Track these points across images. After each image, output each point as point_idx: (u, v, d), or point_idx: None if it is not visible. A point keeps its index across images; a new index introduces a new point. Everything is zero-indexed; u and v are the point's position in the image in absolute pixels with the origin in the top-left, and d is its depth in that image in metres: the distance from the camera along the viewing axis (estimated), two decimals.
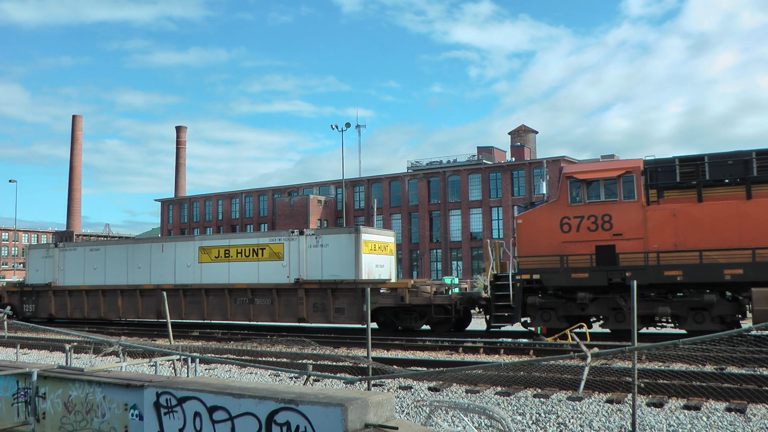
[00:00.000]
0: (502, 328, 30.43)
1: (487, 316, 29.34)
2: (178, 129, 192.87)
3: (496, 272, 29.43)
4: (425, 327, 32.03)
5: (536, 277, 26.93)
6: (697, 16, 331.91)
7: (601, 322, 27.47)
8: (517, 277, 27.53)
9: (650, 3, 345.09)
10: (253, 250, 35.19)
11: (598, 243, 26.04)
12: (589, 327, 27.62)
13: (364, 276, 32.43)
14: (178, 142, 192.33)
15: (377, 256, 34.14)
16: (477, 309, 32.92)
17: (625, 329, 26.01)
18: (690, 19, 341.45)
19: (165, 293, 21.78)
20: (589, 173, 26.57)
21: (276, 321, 34.27)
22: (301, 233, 34.00)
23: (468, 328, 33.31)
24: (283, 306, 33.84)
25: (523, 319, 28.32)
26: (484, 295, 30.37)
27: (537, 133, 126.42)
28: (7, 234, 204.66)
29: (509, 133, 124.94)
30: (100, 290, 39.89)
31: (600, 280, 26.14)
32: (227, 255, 35.91)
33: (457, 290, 32.73)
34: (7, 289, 45.91)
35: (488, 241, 32.86)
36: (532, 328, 28.01)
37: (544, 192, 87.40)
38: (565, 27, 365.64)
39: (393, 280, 34.90)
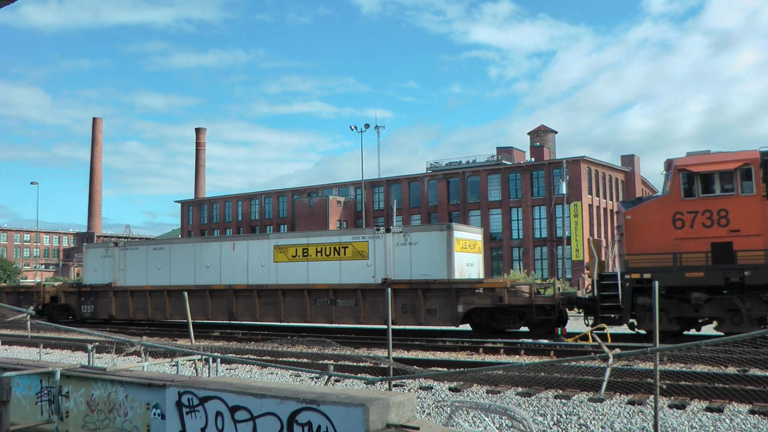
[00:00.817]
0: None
1: (588, 318, 28.04)
2: (198, 130, 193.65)
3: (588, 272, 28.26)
4: (523, 329, 30.56)
5: (646, 276, 25.47)
6: (719, 13, 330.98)
7: (715, 324, 26.06)
8: (626, 277, 26.08)
9: (672, 0, 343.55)
10: (335, 248, 33.85)
11: (713, 240, 24.77)
12: (698, 330, 26.85)
13: (457, 275, 31.22)
14: (197, 144, 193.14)
15: (468, 255, 32.91)
16: (577, 310, 31.27)
17: (738, 332, 24.50)
18: (712, 16, 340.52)
19: (186, 293, 21.80)
20: (704, 166, 25.12)
21: (361, 323, 32.82)
22: (388, 230, 32.70)
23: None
24: (368, 307, 32.30)
25: (629, 321, 26.83)
26: (579, 295, 29.24)
27: (556, 133, 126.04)
28: (29, 235, 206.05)
29: (528, 134, 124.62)
30: (166, 291, 38.62)
31: (716, 279, 24.72)
32: (305, 254, 34.57)
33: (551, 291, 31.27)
34: (64, 289, 44.72)
35: (589, 238, 31.34)
36: (642, 331, 26.86)
37: (564, 192, 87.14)
38: (586, 26, 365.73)
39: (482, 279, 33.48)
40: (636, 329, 26.91)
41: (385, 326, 31.32)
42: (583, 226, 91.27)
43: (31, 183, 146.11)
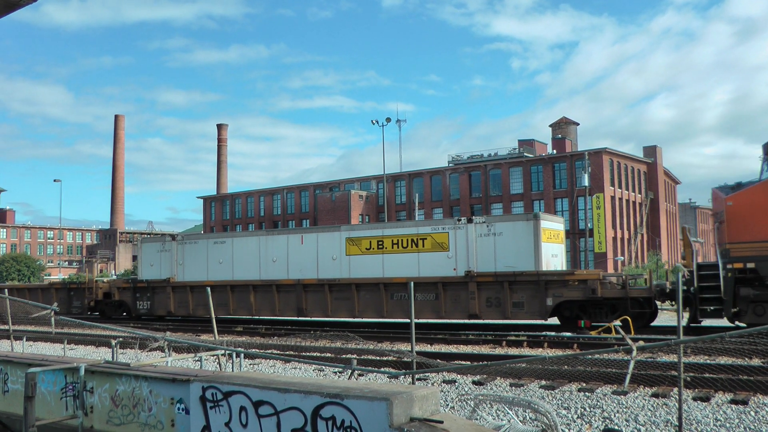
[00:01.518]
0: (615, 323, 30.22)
1: (686, 311, 26.03)
2: (219, 126, 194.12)
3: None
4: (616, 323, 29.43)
5: (750, 265, 24.04)
6: (744, 0, 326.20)
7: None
8: (728, 267, 24.47)
9: None
10: (412, 240, 32.47)
11: None
12: None
13: (543, 267, 30.10)
14: (219, 140, 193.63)
15: (552, 245, 31.76)
16: (670, 303, 29.87)
17: None
18: (737, 3, 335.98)
19: (209, 289, 21.77)
20: None
21: (442, 318, 31.35)
22: (470, 221, 31.27)
23: (512, 321, 31.81)
24: (450, 301, 30.84)
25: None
26: (669, 286, 27.71)
27: (578, 125, 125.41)
28: (52, 232, 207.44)
29: (550, 126, 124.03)
30: (229, 286, 37.16)
31: None
32: (381, 246, 33.21)
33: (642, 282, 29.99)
34: (118, 284, 43.30)
35: (685, 227, 29.53)
36: (743, 324, 25.03)
37: (586, 184, 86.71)
38: (609, 15, 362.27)
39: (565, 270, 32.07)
40: (736, 322, 25.41)
41: (471, 320, 31.13)
42: (606, 219, 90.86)
43: (54, 180, 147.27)
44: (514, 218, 31.83)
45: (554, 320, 29.84)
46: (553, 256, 31.53)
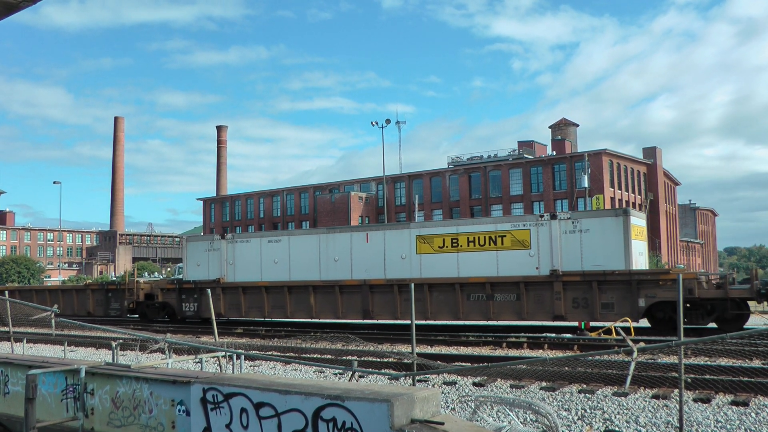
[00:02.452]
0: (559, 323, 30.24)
1: None
2: (219, 128, 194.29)
3: None
4: (712, 325, 27.87)
5: None
6: (745, 0, 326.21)
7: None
8: None
9: None
10: (490, 237, 30.62)
11: None
12: None
13: (633, 266, 28.58)
14: (219, 142, 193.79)
15: (639, 242, 30.08)
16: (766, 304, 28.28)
17: None
18: (738, 4, 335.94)
19: (210, 290, 21.75)
20: None
21: (524, 319, 29.66)
22: (553, 217, 29.65)
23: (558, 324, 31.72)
24: (532, 302, 29.21)
25: None
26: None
27: (578, 126, 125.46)
28: (52, 234, 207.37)
29: (550, 127, 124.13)
30: (286, 287, 35.18)
31: None
32: (455, 244, 31.38)
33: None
34: (162, 286, 40.93)
35: None
36: None
37: (586, 185, 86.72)
38: (610, 16, 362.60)
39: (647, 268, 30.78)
40: None
41: (554, 323, 30.39)
42: None
43: (54, 182, 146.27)
44: (602, 214, 30.30)
45: (552, 323, 29.82)
46: (639, 254, 30.12)
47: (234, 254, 38.12)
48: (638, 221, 30.20)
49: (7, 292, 47.67)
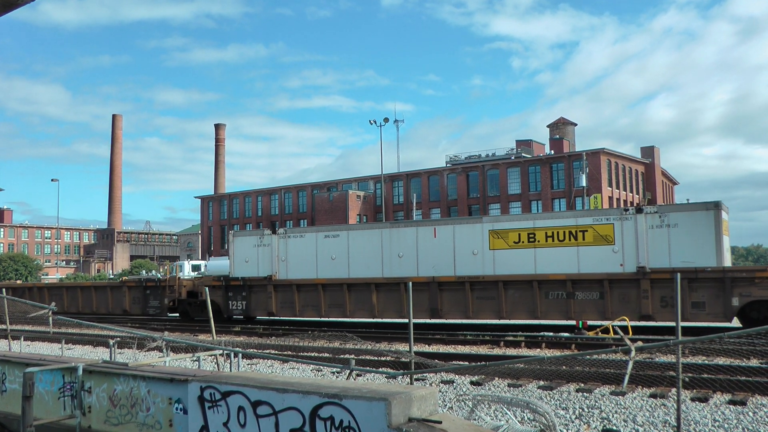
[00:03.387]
0: (543, 321, 30.20)
1: None
2: (217, 126, 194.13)
3: None
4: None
5: None
6: None
7: None
8: None
9: None
10: (570, 232, 29.09)
11: None
12: None
13: (725, 262, 27.27)
14: (216, 140, 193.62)
15: (726, 238, 28.66)
16: None
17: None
18: (739, 2, 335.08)
19: (207, 289, 21.74)
20: None
21: (607, 318, 27.88)
22: (639, 210, 28.22)
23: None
24: (617, 301, 27.80)
25: None
26: None
27: (576, 125, 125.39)
28: (49, 232, 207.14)
29: (548, 126, 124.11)
30: (345, 284, 33.50)
31: None
32: (532, 239, 29.77)
33: None
34: (206, 283, 38.18)
35: None
36: None
37: (584, 185, 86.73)
38: (610, 14, 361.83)
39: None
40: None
41: (642, 323, 28.54)
42: None
43: (52, 180, 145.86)
44: (691, 208, 28.32)
45: (568, 324, 29.80)
46: (726, 251, 28.75)
47: (287, 250, 36.27)
48: (726, 216, 28.98)
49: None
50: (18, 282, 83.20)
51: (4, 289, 42.31)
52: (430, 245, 32.15)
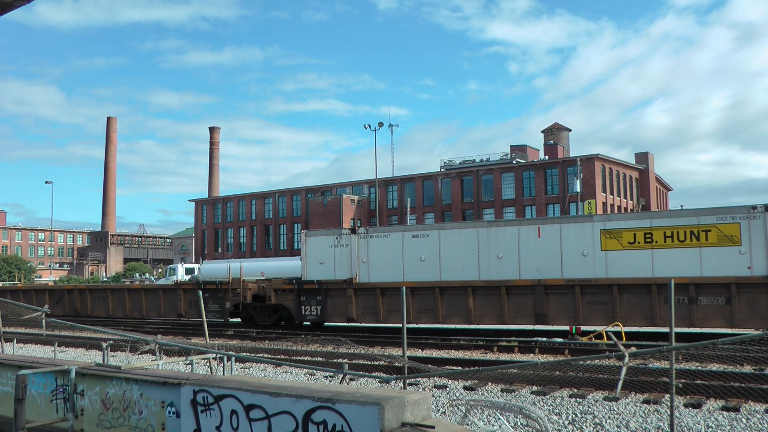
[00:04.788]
0: (537, 326, 30.19)
1: None
2: (212, 130, 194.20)
3: None
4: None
5: None
6: (745, 4, 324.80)
7: None
8: None
9: None
10: (692, 232, 27.03)
11: None
12: None
13: None
14: (211, 143, 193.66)
15: None
16: None
17: None
18: (738, 8, 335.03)
19: (201, 292, 21.69)
20: None
21: (735, 326, 25.81)
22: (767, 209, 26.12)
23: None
24: (744, 307, 25.65)
25: None
26: None
27: (570, 131, 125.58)
28: (43, 234, 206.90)
29: (542, 131, 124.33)
30: (437, 288, 30.71)
31: None
32: (648, 239, 27.63)
33: None
34: (275, 286, 35.98)
35: None
36: None
37: (578, 190, 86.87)
38: (608, 19, 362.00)
39: None
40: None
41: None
42: None
43: (46, 182, 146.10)
44: None
45: (540, 327, 29.75)
46: None
47: (368, 251, 33.51)
48: None
49: (75, 290, 45.10)
50: (50, 284, 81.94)
51: (44, 292, 42.02)
52: (533, 245, 29.82)
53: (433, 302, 30.71)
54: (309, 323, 35.53)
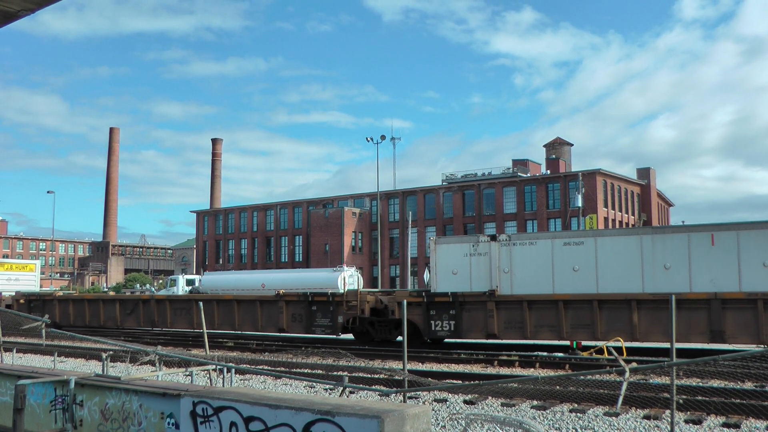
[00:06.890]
0: (538, 341, 30.12)
1: None
2: (214, 141, 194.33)
3: None
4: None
5: None
6: (753, 18, 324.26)
7: None
8: None
9: (705, 5, 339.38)
10: None
11: None
12: None
13: None
14: (213, 155, 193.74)
15: None
16: None
17: None
18: (745, 22, 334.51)
19: (201, 303, 21.64)
20: None
21: None
22: None
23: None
24: None
25: None
26: None
27: (572, 145, 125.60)
28: (44, 244, 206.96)
29: (544, 146, 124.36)
30: (595, 301, 27.84)
31: None
32: None
33: None
34: (398, 299, 32.32)
35: None
36: None
37: (580, 205, 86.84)
38: (615, 32, 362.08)
39: None
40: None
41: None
42: None
43: (48, 192, 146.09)
44: None
45: (537, 341, 29.65)
46: None
47: (511, 260, 30.34)
48: None
49: (159, 299, 40.87)
50: (127, 294, 79.08)
51: (114, 302, 41.61)
52: (706, 255, 26.92)
53: (590, 317, 28.03)
54: (440, 339, 32.58)
